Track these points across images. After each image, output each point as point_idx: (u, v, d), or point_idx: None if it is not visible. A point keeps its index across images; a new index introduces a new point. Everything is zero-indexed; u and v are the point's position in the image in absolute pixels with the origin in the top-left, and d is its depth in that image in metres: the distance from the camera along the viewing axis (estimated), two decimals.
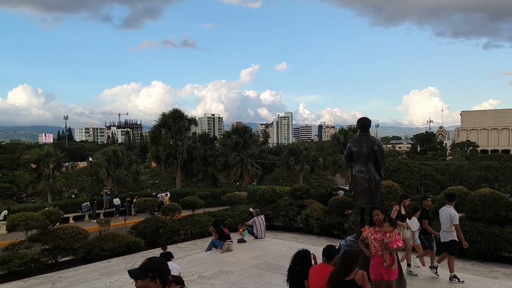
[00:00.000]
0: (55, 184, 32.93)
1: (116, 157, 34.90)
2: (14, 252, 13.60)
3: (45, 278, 12.88)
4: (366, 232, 6.88)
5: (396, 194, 16.13)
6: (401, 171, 50.78)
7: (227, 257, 12.10)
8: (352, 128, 44.04)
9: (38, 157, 31.88)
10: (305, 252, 6.32)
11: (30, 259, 13.35)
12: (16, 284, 12.32)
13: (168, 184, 47.01)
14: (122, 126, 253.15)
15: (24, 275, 13.14)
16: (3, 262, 13.08)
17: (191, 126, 41.26)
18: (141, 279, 3.01)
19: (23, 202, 63.76)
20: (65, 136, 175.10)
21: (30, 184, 32.04)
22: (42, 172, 31.62)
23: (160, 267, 3.08)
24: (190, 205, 19.26)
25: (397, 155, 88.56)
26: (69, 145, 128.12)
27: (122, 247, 15.32)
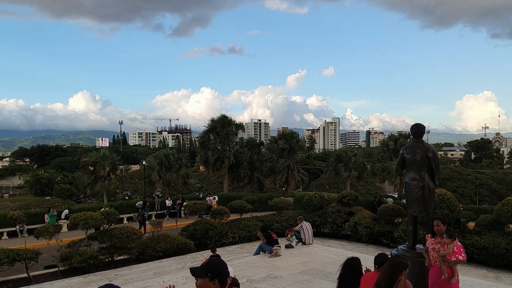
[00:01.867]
0: (110, 186, 34.61)
1: (167, 161, 36.11)
2: (75, 249, 14.47)
3: (103, 275, 13.57)
4: (428, 242, 6.74)
5: (449, 203, 15.50)
6: (453, 179, 48.58)
7: (275, 262, 12.19)
8: (403, 134, 42.75)
9: (95, 160, 33.72)
10: (356, 260, 6.28)
11: (89, 257, 14.13)
12: (76, 280, 13.07)
13: (216, 188, 47.90)
14: (173, 131, 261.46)
15: (83, 271, 13.91)
16: (66, 258, 13.96)
17: (239, 131, 41.89)
18: (201, 278, 3.14)
19: (81, 202, 67.48)
20: (120, 140, 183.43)
21: (88, 185, 33.93)
22: (99, 174, 33.40)
23: (219, 268, 3.19)
24: (238, 209, 19.56)
25: (450, 163, 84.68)
26: (123, 149, 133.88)
27: (174, 248, 15.81)
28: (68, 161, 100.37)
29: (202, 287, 3.12)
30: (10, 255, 12.53)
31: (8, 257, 12.47)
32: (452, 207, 15.56)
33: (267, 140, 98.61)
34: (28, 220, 23.34)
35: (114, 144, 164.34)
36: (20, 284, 12.87)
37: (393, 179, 39.56)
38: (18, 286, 12.63)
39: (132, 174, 61.94)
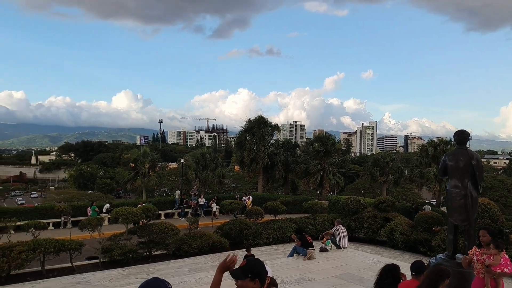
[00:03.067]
0: (149, 183, 35.67)
1: (204, 160, 36.75)
2: (115, 242, 15.06)
3: (141, 268, 14.04)
4: (472, 252, 6.57)
5: (492, 213, 14.93)
6: (496, 189, 46.52)
7: (309, 264, 12.19)
8: (443, 140, 41.39)
9: (136, 157, 34.89)
10: (395, 267, 6.20)
11: (128, 250, 14.67)
12: (116, 272, 13.59)
13: (250, 188, 48.24)
14: (210, 130, 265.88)
15: (122, 264, 14.43)
16: (107, 251, 14.57)
17: (274, 132, 42.01)
18: (241, 279, 3.16)
19: (121, 197, 70.04)
20: (159, 139, 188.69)
21: (128, 181, 35.12)
22: (139, 171, 34.50)
23: (259, 268, 3.23)
24: (273, 210, 19.67)
25: (492, 171, 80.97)
26: (162, 147, 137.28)
27: (209, 245, 16.12)
28: (110, 157, 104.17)
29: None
30: (56, 245, 13.22)
31: (54, 247, 13.16)
32: (494, 217, 15.01)
33: (302, 142, 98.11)
34: (72, 213, 24.49)
35: (153, 142, 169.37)
36: (64, 273, 13.54)
37: (432, 186, 38.36)
38: (63, 274, 13.29)
39: (169, 171, 63.56)
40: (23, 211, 24.86)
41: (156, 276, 2.85)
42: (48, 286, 11.68)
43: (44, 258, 13.23)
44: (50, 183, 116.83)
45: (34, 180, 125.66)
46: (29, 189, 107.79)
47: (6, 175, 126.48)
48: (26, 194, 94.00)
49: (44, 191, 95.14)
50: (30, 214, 23.32)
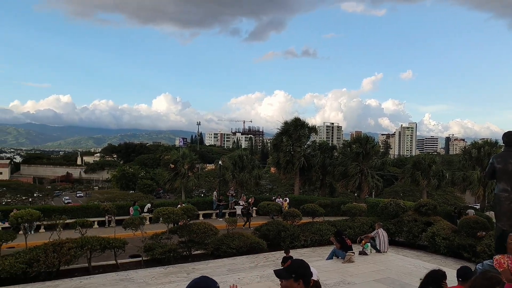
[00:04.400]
0: (188, 183, 36.42)
1: (241, 161, 37.09)
2: (157, 241, 15.52)
3: (181, 267, 14.38)
4: (504, 261, 6.27)
5: None
6: None
7: (349, 267, 12.06)
8: (488, 142, 39.60)
9: (176, 158, 35.76)
10: (440, 273, 6.04)
11: (169, 249, 15.08)
12: (158, 270, 13.99)
13: (286, 190, 48.17)
14: (246, 132, 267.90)
15: (164, 263, 14.82)
16: (149, 249, 15.04)
17: (311, 134, 41.71)
18: (285, 279, 3.25)
19: (160, 197, 71.89)
20: (197, 140, 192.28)
21: (168, 181, 36.04)
22: (179, 171, 35.33)
23: (303, 269, 3.30)
24: (310, 212, 19.58)
25: None
26: (199, 148, 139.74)
27: (247, 246, 16.26)
28: (150, 158, 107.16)
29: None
30: (102, 243, 13.82)
31: (100, 245, 13.76)
32: None
33: (339, 144, 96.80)
34: (116, 212, 25.41)
35: (191, 144, 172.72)
36: (109, 270, 14.09)
37: (476, 189, 36.81)
38: (108, 271, 13.84)
39: (207, 172, 64.59)
40: (70, 209, 26.11)
41: (205, 276, 2.91)
42: (95, 282, 12.20)
43: (91, 255, 13.85)
44: (94, 183, 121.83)
45: (79, 180, 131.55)
46: (75, 188, 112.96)
47: (54, 175, 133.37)
48: (72, 193, 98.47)
49: (88, 191, 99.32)
50: (77, 212, 24.42)
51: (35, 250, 12.89)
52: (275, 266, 13.57)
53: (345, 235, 16.07)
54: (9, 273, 11.99)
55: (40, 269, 12.56)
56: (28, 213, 14.03)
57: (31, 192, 65.63)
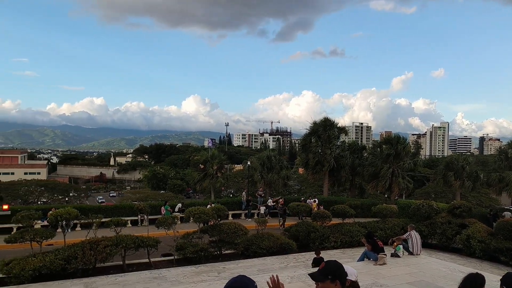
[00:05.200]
0: (217, 183, 36.86)
1: (269, 162, 37.20)
2: (188, 240, 15.80)
3: (212, 267, 14.59)
4: None
5: None
6: None
7: (381, 270, 11.91)
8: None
9: (205, 159, 36.30)
10: (480, 276, 5.85)
11: (200, 248, 15.33)
12: (189, 269, 14.24)
13: (315, 191, 47.90)
14: (274, 133, 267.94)
15: (195, 262, 15.09)
16: (180, 248, 15.35)
17: (340, 135, 41.28)
18: (321, 281, 3.24)
19: (190, 197, 72.97)
20: (225, 141, 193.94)
21: (197, 182, 36.61)
22: (208, 172, 35.82)
23: (338, 270, 3.29)
24: (340, 213, 19.42)
25: None
26: (228, 149, 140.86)
27: (277, 247, 16.32)
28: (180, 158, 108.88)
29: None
30: (136, 241, 14.22)
31: (134, 243, 14.16)
32: None
33: (369, 144, 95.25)
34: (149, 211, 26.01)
35: (220, 144, 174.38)
36: (142, 268, 14.48)
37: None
38: (141, 269, 14.21)
39: (235, 173, 65.05)
40: (105, 208, 26.94)
41: (243, 275, 2.95)
42: (129, 279, 12.56)
43: (125, 253, 14.27)
44: (127, 183, 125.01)
45: (112, 180, 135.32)
46: (108, 188, 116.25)
47: (88, 175, 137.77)
48: (105, 193, 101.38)
49: (121, 191, 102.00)
50: (111, 211, 25.16)
51: (73, 248, 13.41)
52: (305, 267, 13.57)
53: (376, 236, 15.88)
54: (49, 269, 12.53)
55: (78, 266, 13.07)
56: (67, 212, 14.57)
57: (67, 192, 68.03)
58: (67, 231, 15.13)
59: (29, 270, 12.17)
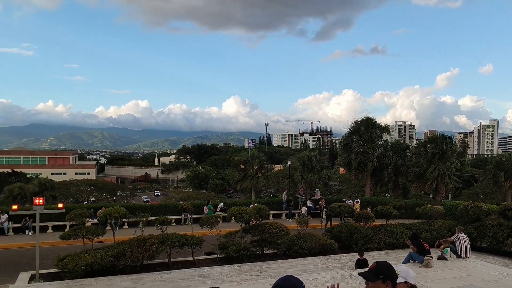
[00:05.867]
0: (257, 183, 37.11)
1: (309, 162, 36.97)
2: (231, 239, 16.08)
3: (254, 266, 14.76)
4: None
5: None
6: None
7: (427, 273, 11.59)
8: None
9: (246, 159, 36.67)
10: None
11: (242, 248, 15.55)
12: (232, 267, 14.47)
13: (356, 191, 47.09)
14: (314, 133, 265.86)
15: (237, 261, 15.31)
16: (223, 247, 15.66)
17: (383, 134, 40.35)
18: (372, 281, 3.23)
19: (231, 197, 73.90)
20: (265, 141, 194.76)
21: (238, 181, 37.03)
22: (248, 172, 36.16)
23: (390, 270, 3.27)
24: (384, 214, 19.04)
25: None
26: (267, 149, 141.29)
27: (318, 247, 16.26)
28: (221, 159, 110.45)
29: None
30: (181, 240, 14.67)
31: (179, 241, 14.61)
32: None
33: (412, 143, 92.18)
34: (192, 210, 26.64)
35: (260, 145, 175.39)
36: (186, 266, 14.89)
37: None
38: (185, 267, 14.63)
39: (275, 173, 65.15)
40: (150, 207, 27.91)
41: (290, 275, 2.95)
42: (174, 277, 12.98)
43: (170, 251, 14.74)
44: (170, 183, 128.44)
45: (157, 180, 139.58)
46: (152, 188, 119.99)
47: (134, 175, 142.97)
48: (150, 192, 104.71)
49: (165, 190, 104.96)
50: (156, 210, 25.98)
51: (122, 245, 14.04)
52: (348, 268, 13.44)
53: (422, 238, 15.46)
54: (100, 265, 13.20)
55: (126, 263, 13.66)
56: (115, 210, 15.27)
57: (114, 191, 70.88)
58: (116, 229, 15.81)
59: (82, 265, 12.86)
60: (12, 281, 13.36)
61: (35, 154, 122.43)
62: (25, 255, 18.41)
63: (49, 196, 36.02)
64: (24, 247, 20.34)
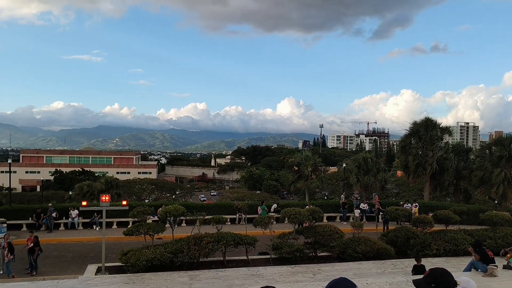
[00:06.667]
0: (311, 185, 36.96)
1: (365, 164, 36.22)
2: (284, 240, 16.24)
3: (307, 268, 14.76)
4: None
5: None
6: None
7: (491, 282, 11.02)
8: None
9: (299, 161, 36.69)
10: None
11: (296, 249, 15.64)
12: (285, 268, 14.59)
13: (414, 195, 45.29)
14: (370, 134, 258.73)
15: (290, 262, 15.39)
16: (276, 248, 15.84)
17: (444, 135, 38.50)
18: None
19: (284, 198, 74.06)
20: (319, 143, 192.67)
21: (292, 183, 37.12)
22: (302, 173, 36.14)
23: (442, 278, 3.07)
24: (443, 219, 18.23)
25: None
26: (322, 151, 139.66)
27: (373, 252, 15.94)
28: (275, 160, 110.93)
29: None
30: (235, 239, 15.06)
31: (234, 240, 15.02)
32: None
33: (476, 145, 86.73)
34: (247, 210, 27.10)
35: (314, 146, 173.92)
36: (240, 264, 15.23)
37: None
38: (239, 266, 14.97)
39: (330, 175, 64.26)
40: (206, 206, 28.79)
41: (344, 277, 2.86)
42: (229, 275, 13.36)
43: (225, 250, 15.20)
44: (226, 183, 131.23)
45: (213, 180, 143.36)
46: (209, 188, 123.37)
47: (192, 175, 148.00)
48: (206, 192, 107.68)
49: (221, 190, 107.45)
50: (212, 209, 26.76)
51: (180, 242, 14.70)
52: (404, 274, 13.09)
53: (485, 246, 14.65)
54: (160, 261, 13.92)
55: (184, 259, 14.30)
56: (175, 208, 15.99)
57: (173, 190, 73.68)
58: (175, 227, 16.56)
59: (143, 260, 13.65)
60: (81, 272, 14.51)
61: (102, 154, 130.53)
62: (93, 249, 19.84)
63: (114, 193, 38.41)
64: (92, 241, 21.92)
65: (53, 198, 52.61)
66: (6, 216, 23.16)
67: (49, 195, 56.80)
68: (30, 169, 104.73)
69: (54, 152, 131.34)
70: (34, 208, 25.43)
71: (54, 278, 14.18)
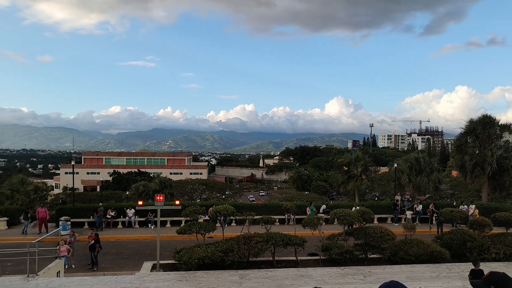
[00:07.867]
0: (361, 186, 36.28)
1: (418, 164, 35.02)
2: (334, 242, 16.14)
3: (357, 270, 14.57)
4: None
5: None
6: None
7: None
8: None
9: (349, 161, 36.16)
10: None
11: (345, 250, 15.48)
12: (335, 270, 14.51)
13: (470, 196, 43.20)
14: (423, 133, 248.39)
15: (340, 263, 15.26)
16: (326, 249, 15.78)
17: (504, 133, 36.26)
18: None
19: (333, 199, 73.10)
20: (369, 143, 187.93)
21: (341, 184, 36.65)
22: (352, 174, 35.57)
23: (503, 281, 3.05)
24: (504, 222, 17.26)
25: None
26: (372, 151, 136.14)
27: (427, 255, 15.44)
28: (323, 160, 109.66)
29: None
30: (284, 239, 15.21)
31: (283, 241, 15.17)
32: None
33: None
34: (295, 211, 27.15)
35: (364, 146, 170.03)
36: (289, 265, 15.35)
37: None
38: (288, 266, 15.08)
39: (381, 175, 62.58)
40: (255, 207, 29.16)
41: (396, 280, 2.87)
42: (278, 275, 13.50)
43: (275, 250, 15.38)
44: (274, 184, 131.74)
45: (261, 180, 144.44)
46: (257, 188, 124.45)
47: (241, 175, 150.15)
48: (255, 192, 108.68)
49: (269, 191, 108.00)
50: (261, 209, 27.08)
51: (230, 241, 15.07)
52: (460, 278, 12.60)
53: None
54: (211, 259, 14.35)
55: (234, 259, 14.63)
56: (225, 208, 16.40)
57: (223, 190, 75.28)
58: (225, 226, 16.98)
59: (195, 259, 14.15)
60: (138, 268, 15.31)
61: (157, 156, 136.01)
62: (148, 246, 20.84)
63: (168, 193, 39.96)
64: (147, 239, 23.01)
65: (112, 197, 55.50)
66: (70, 215, 24.86)
67: (108, 195, 59.97)
68: (91, 170, 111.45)
69: (112, 154, 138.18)
70: (95, 207, 27.10)
71: (113, 274, 15.08)
